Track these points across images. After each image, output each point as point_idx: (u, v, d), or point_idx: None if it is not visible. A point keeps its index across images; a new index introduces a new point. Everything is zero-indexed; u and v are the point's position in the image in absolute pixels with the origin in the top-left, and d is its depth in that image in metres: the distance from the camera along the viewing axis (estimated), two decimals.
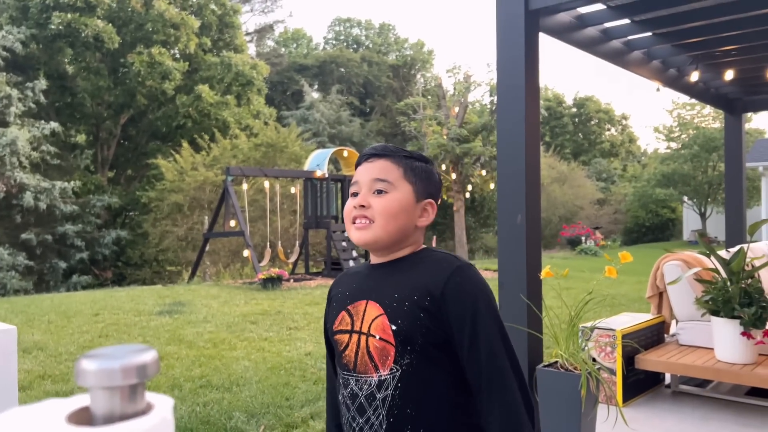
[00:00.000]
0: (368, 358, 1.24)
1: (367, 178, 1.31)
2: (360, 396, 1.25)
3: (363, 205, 1.29)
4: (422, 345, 1.21)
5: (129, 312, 8.12)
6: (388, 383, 1.22)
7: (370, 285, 1.32)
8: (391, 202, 1.28)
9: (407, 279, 1.27)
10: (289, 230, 17.48)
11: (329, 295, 1.45)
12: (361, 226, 1.29)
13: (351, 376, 1.27)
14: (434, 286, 1.23)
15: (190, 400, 4.23)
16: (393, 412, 1.21)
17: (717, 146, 24.22)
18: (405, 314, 1.22)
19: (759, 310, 3.52)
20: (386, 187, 1.29)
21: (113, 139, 25.76)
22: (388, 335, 1.22)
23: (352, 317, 1.29)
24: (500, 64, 3.41)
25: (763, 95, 6.71)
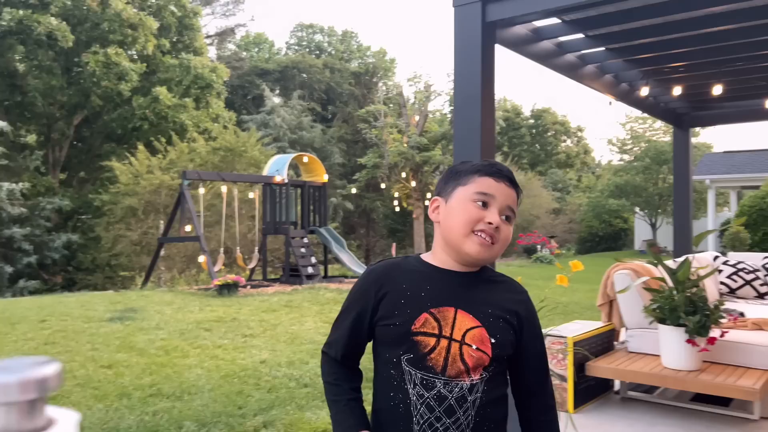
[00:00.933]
0: (461, 364, 1.31)
1: (504, 201, 1.37)
2: (449, 398, 1.31)
3: (498, 227, 1.35)
4: (503, 357, 1.37)
5: (78, 318, 7.88)
6: (478, 387, 1.33)
7: (453, 292, 1.37)
8: (510, 233, 1.39)
9: (494, 296, 1.40)
10: (248, 236, 17.26)
11: (375, 285, 1.40)
12: (486, 243, 1.34)
13: (438, 378, 1.31)
14: (518, 308, 1.40)
15: (139, 410, 4.12)
16: (480, 413, 1.33)
17: (667, 159, 25.02)
18: (501, 330, 1.36)
19: (703, 318, 3.64)
20: (512, 217, 1.40)
21: (66, 140, 25.01)
22: (487, 347, 1.33)
23: (439, 322, 1.33)
24: (457, 75, 3.45)
25: (709, 111, 6.97)
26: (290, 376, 5.01)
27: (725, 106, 6.81)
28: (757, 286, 5.97)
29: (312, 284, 12.86)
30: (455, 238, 1.37)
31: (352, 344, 1.44)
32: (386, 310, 1.37)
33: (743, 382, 3.53)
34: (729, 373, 3.73)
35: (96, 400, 4.37)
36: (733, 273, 6.05)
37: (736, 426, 3.76)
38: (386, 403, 1.36)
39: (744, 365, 3.90)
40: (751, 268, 6.07)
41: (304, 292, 11.19)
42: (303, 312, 8.71)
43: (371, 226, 32.61)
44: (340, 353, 1.45)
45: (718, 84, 5.40)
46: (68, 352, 5.94)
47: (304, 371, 5.14)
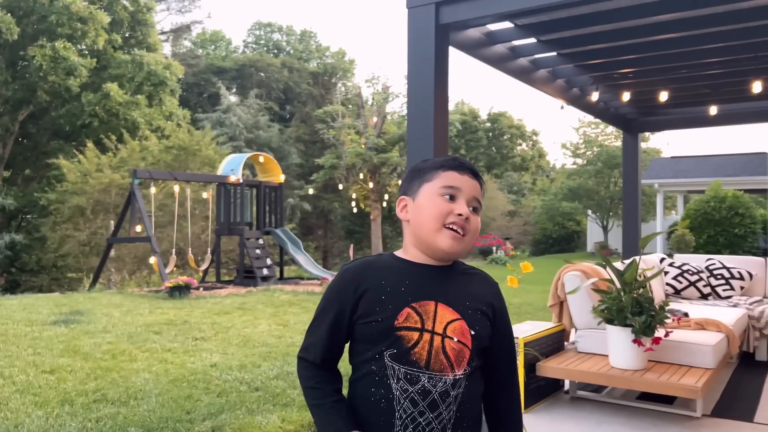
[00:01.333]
0: (444, 358, 1.33)
1: (470, 192, 1.41)
2: (433, 392, 1.32)
3: (468, 218, 1.38)
4: (483, 348, 1.40)
5: (20, 322, 7.56)
6: (461, 382, 1.34)
7: (432, 286, 1.39)
8: (478, 224, 1.42)
9: (471, 289, 1.43)
10: (201, 237, 16.94)
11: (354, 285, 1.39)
12: (457, 236, 1.37)
13: (422, 373, 1.32)
14: (493, 301, 1.44)
15: (82, 416, 3.97)
16: (461, 408, 1.35)
17: (618, 163, 25.71)
18: (480, 322, 1.39)
19: (648, 318, 3.72)
20: (478, 208, 1.43)
21: (10, 136, 24.05)
22: (467, 339, 1.36)
23: (421, 316, 1.34)
24: (411, 76, 3.45)
25: (656, 117, 7.18)
26: (241, 379, 4.92)
27: (672, 112, 7.03)
28: (701, 287, 6.17)
29: (267, 286, 12.70)
30: (427, 234, 1.38)
31: (331, 346, 1.42)
32: (366, 308, 1.36)
33: (686, 381, 3.63)
34: (673, 372, 3.83)
35: (36, 406, 4.19)
36: (679, 274, 6.24)
37: (679, 423, 3.86)
38: (366, 399, 1.35)
39: (687, 364, 4.01)
40: (695, 269, 6.27)
41: (258, 294, 11.03)
42: (257, 314, 8.58)
43: (329, 227, 32.47)
44: (319, 357, 1.43)
45: (664, 90, 5.56)
46: (7, 357, 5.69)
47: (255, 375, 5.05)
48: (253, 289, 12.09)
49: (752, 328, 5.40)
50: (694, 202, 14.52)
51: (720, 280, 6.22)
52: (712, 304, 5.82)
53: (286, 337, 6.84)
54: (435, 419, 1.32)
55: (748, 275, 6.21)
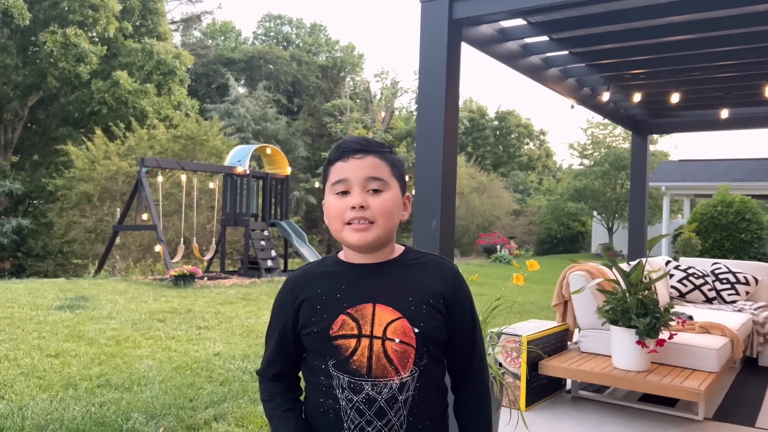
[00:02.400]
0: (387, 362, 1.25)
1: (360, 176, 1.28)
2: (379, 400, 1.25)
3: (363, 206, 1.27)
4: (435, 345, 1.29)
5: (25, 306, 7.62)
6: (409, 385, 1.26)
7: (369, 287, 1.30)
8: (387, 201, 1.29)
9: (415, 281, 1.31)
10: (206, 227, 16.98)
11: (291, 296, 1.35)
12: (362, 227, 1.27)
13: (365, 381, 1.25)
14: (445, 290, 1.31)
15: (86, 400, 4.00)
16: (413, 411, 1.27)
17: (626, 165, 25.62)
18: (425, 317, 1.28)
19: (653, 320, 3.72)
20: (381, 185, 1.29)
21: (19, 121, 24.14)
22: (410, 338, 1.26)
23: (358, 321, 1.27)
24: (422, 71, 3.44)
25: (666, 119, 7.15)
26: (244, 369, 4.94)
27: (682, 115, 7.00)
28: (706, 290, 6.16)
29: (271, 278, 12.73)
30: (337, 235, 1.33)
31: (283, 361, 1.39)
32: (305, 319, 1.32)
33: (689, 384, 3.63)
34: (676, 375, 3.83)
35: (40, 389, 4.23)
36: (684, 278, 6.22)
37: (680, 426, 3.86)
38: (316, 410, 1.32)
39: (690, 367, 4.01)
40: (700, 273, 6.26)
41: (262, 286, 11.07)
42: (260, 305, 8.61)
43: None
44: (272, 372, 1.41)
45: (675, 92, 5.53)
46: (13, 339, 5.74)
47: (258, 365, 5.07)
48: (257, 280, 12.12)
49: (756, 333, 5.39)
50: (701, 206, 14.46)
51: (725, 284, 6.20)
52: (717, 308, 5.81)
53: None
54: (384, 427, 1.25)
55: (754, 280, 6.19)
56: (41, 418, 3.63)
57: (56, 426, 3.48)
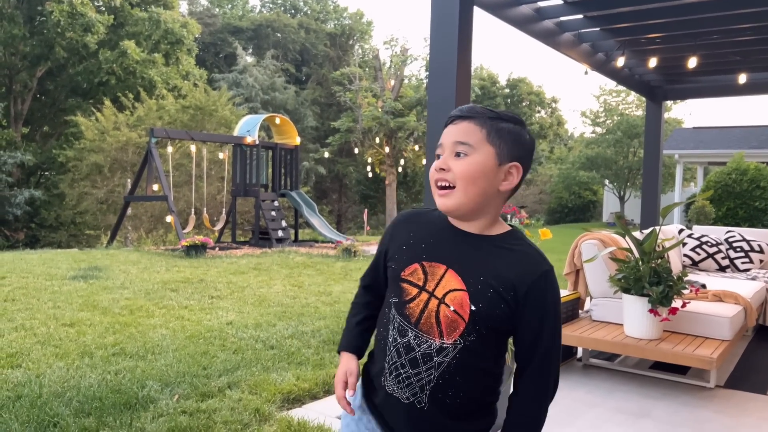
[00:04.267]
0: (435, 322, 1.31)
1: (450, 140, 1.33)
2: (417, 351, 1.33)
3: (443, 168, 1.32)
4: (489, 328, 1.31)
5: (40, 276, 7.71)
6: (448, 351, 1.31)
7: (452, 251, 1.35)
8: (470, 165, 1.30)
9: (494, 265, 1.32)
10: (217, 197, 17.03)
11: (393, 230, 1.48)
12: (444, 193, 1.33)
13: (411, 329, 1.34)
14: (520, 284, 1.30)
15: (101, 368, 4.06)
16: (444, 377, 1.32)
17: (638, 133, 25.31)
18: (487, 300, 1.29)
19: (666, 288, 3.69)
20: (466, 150, 1.31)
21: (28, 92, 24.14)
22: (465, 312, 1.30)
23: (427, 275, 1.34)
24: (434, 38, 3.37)
25: (682, 84, 7.01)
26: (256, 337, 4.98)
27: (699, 80, 6.86)
28: (719, 259, 6.11)
29: (282, 248, 12.79)
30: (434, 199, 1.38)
31: (374, 276, 1.54)
32: (392, 253, 1.43)
33: (701, 352, 3.62)
34: (688, 343, 3.82)
35: (57, 358, 4.29)
36: (697, 246, 6.17)
37: (692, 394, 3.87)
38: (377, 335, 1.45)
39: (703, 335, 3.99)
40: (714, 241, 6.20)
41: (273, 256, 11.12)
42: (272, 275, 8.66)
43: (343, 191, 32.48)
44: (364, 283, 1.59)
45: (693, 57, 5.41)
46: (29, 309, 5.81)
47: (270, 333, 5.12)
48: (268, 251, 12.19)
49: None
50: (714, 174, 14.28)
51: (739, 252, 6.15)
52: (730, 276, 5.77)
53: (301, 298, 6.91)
54: (414, 376, 1.33)
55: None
56: (58, 385, 3.69)
57: (73, 393, 3.54)
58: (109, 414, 3.25)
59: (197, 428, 3.10)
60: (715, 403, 3.71)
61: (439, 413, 1.34)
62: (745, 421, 3.44)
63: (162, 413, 3.29)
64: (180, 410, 3.34)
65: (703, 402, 3.73)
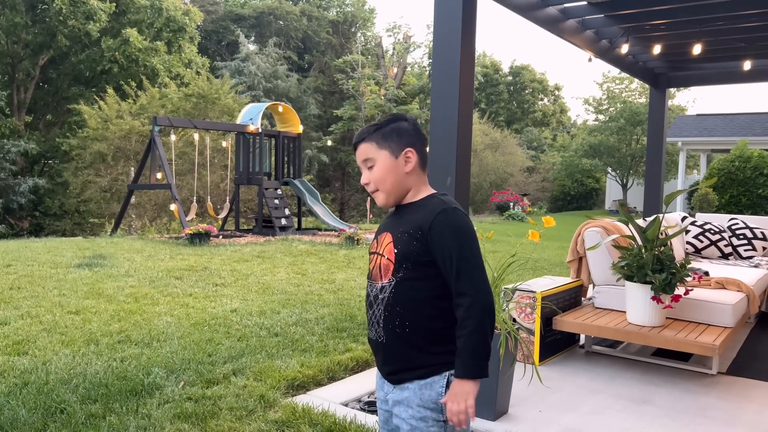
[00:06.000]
0: (378, 271, 1.77)
1: (360, 161, 1.81)
2: (370, 295, 1.79)
3: (365, 182, 1.81)
4: (411, 263, 1.70)
5: (45, 264, 7.75)
6: (386, 288, 1.74)
7: (392, 221, 1.82)
8: (377, 171, 1.78)
9: (410, 219, 1.75)
10: (220, 185, 17.04)
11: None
12: (375, 195, 1.81)
13: (369, 282, 1.82)
14: (424, 223, 1.70)
15: (107, 355, 4.09)
16: (387, 309, 1.73)
17: (641, 120, 25.21)
18: (403, 242, 1.72)
19: (669, 276, 3.70)
20: (371, 162, 1.78)
21: (31, 81, 24.11)
22: (392, 256, 1.73)
23: (378, 243, 1.81)
24: (437, 24, 3.36)
25: (686, 71, 6.97)
26: (261, 325, 5.01)
27: (704, 67, 6.82)
28: (722, 246, 6.11)
29: (285, 236, 12.82)
30: None
31: None
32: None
33: (704, 339, 3.64)
34: (690, 330, 3.83)
35: (63, 345, 4.33)
36: (700, 233, 6.17)
37: (694, 380, 3.89)
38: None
39: (705, 322, 4.01)
40: (717, 229, 6.20)
41: (277, 244, 11.15)
42: (275, 263, 8.69)
43: (346, 179, 32.46)
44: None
45: (697, 43, 5.37)
46: (34, 297, 5.85)
47: (275, 320, 5.15)
48: (272, 239, 12.21)
49: None
50: (717, 161, 14.23)
51: (742, 240, 6.15)
52: (733, 263, 5.77)
53: (305, 285, 6.94)
54: (372, 316, 1.78)
55: None
56: (65, 372, 3.73)
57: (79, 380, 3.57)
58: (115, 400, 3.29)
59: (203, 414, 3.13)
60: (717, 390, 3.73)
61: (394, 342, 1.73)
62: (747, 408, 3.46)
63: (168, 400, 3.33)
64: (185, 397, 3.37)
65: (706, 389, 3.75)
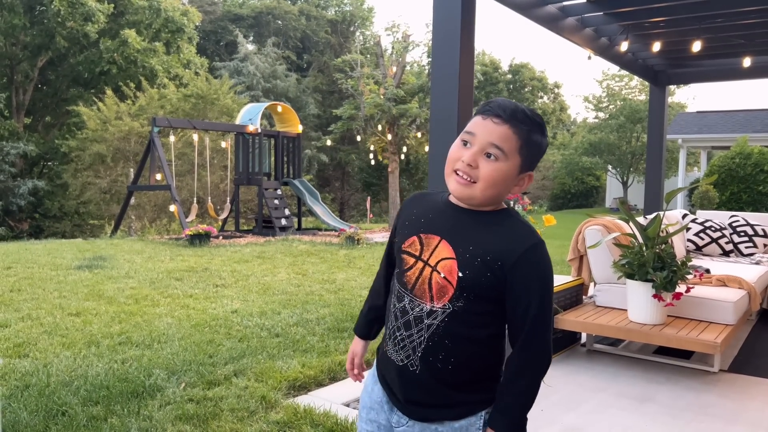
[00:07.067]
0: (427, 288, 1.42)
1: (485, 138, 1.37)
2: (410, 314, 1.44)
3: (471, 164, 1.38)
4: (477, 295, 1.38)
5: (45, 266, 7.74)
6: (437, 314, 1.40)
7: (447, 224, 1.44)
8: (497, 171, 1.37)
9: (484, 238, 1.40)
10: (220, 186, 17.04)
11: (403, 210, 1.58)
12: (463, 182, 1.39)
13: (407, 294, 1.45)
14: (508, 256, 1.37)
15: (108, 357, 4.09)
16: (433, 338, 1.41)
17: (641, 118, 25.19)
18: (474, 268, 1.37)
19: (670, 273, 3.70)
20: (498, 155, 1.37)
21: (30, 82, 24.09)
22: (453, 278, 1.38)
23: (422, 246, 1.45)
24: (436, 23, 3.35)
25: (686, 69, 6.96)
26: (262, 325, 5.01)
27: (703, 64, 6.81)
28: (723, 243, 6.10)
29: (285, 236, 12.81)
30: (445, 177, 1.46)
31: (388, 258, 1.68)
32: (398, 230, 1.55)
33: (706, 336, 3.63)
34: (692, 327, 3.82)
35: (64, 347, 4.32)
36: (701, 231, 6.16)
37: (696, 378, 3.88)
38: (387, 306, 1.57)
39: (707, 320, 4.00)
40: (717, 226, 6.19)
41: (277, 244, 11.15)
42: (276, 263, 8.68)
43: (346, 179, 32.45)
44: (382, 268, 1.70)
45: (697, 40, 5.36)
46: (35, 299, 5.85)
47: (275, 321, 5.14)
48: (272, 239, 12.21)
49: None
50: (718, 158, 14.22)
51: (743, 237, 6.14)
52: (734, 261, 5.77)
53: (305, 285, 6.93)
54: (407, 338, 1.44)
55: None
56: (66, 374, 3.72)
57: (81, 382, 3.56)
58: (116, 402, 3.28)
59: (204, 416, 3.12)
60: (719, 388, 3.72)
61: (431, 377, 1.42)
62: (749, 405, 3.45)
63: (169, 401, 3.32)
64: (187, 398, 3.36)
65: (707, 386, 3.74)
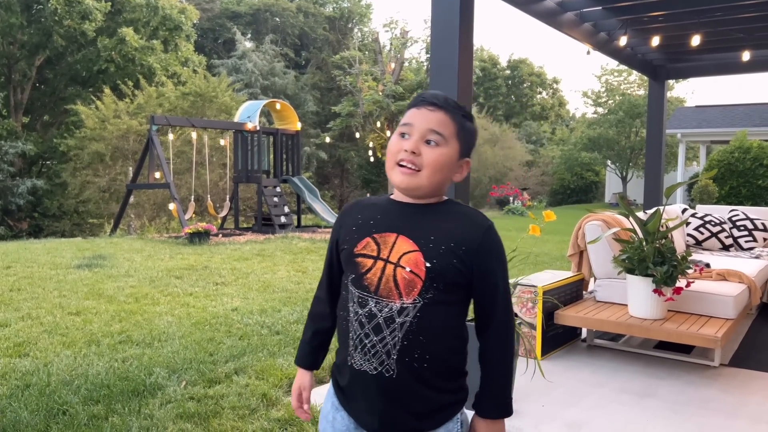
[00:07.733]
0: (393, 285, 1.36)
1: (423, 126, 1.40)
2: (379, 317, 1.37)
3: (414, 152, 1.38)
4: (446, 284, 1.36)
5: (45, 265, 7.73)
6: (408, 311, 1.35)
7: (399, 221, 1.42)
8: (440, 156, 1.39)
9: (443, 226, 1.40)
10: (219, 184, 17.02)
11: (341, 220, 1.53)
12: (408, 171, 1.39)
13: (371, 297, 1.38)
14: (471, 241, 1.38)
15: (108, 356, 4.08)
16: (408, 337, 1.35)
17: (640, 113, 25.17)
18: (440, 256, 1.36)
19: (670, 268, 3.69)
20: (439, 140, 1.40)
21: (27, 81, 24.05)
22: (421, 270, 1.35)
23: (379, 245, 1.40)
24: (434, 19, 3.34)
25: (685, 63, 6.95)
26: (262, 323, 5.01)
27: (702, 59, 6.80)
28: (723, 238, 6.10)
29: (285, 234, 12.80)
30: (387, 173, 1.46)
31: (331, 276, 1.57)
32: (343, 238, 1.48)
33: (706, 331, 3.63)
34: (692, 322, 3.82)
35: (64, 346, 4.32)
36: (700, 225, 6.16)
37: (696, 372, 3.88)
38: (339, 320, 1.48)
39: (707, 314, 4.00)
40: (717, 220, 6.19)
41: (276, 242, 11.14)
42: (276, 261, 8.68)
43: (345, 176, 32.43)
44: (323, 289, 1.60)
45: (696, 34, 5.35)
46: (35, 298, 5.84)
47: (276, 319, 5.14)
48: (272, 237, 12.20)
49: None
50: (717, 153, 14.21)
51: (743, 231, 6.14)
52: (734, 255, 5.77)
53: (305, 283, 6.93)
54: (379, 342, 1.36)
55: None
56: (66, 373, 3.72)
57: (81, 381, 3.56)
58: (117, 401, 3.28)
59: (205, 414, 3.12)
60: (719, 382, 3.72)
61: (409, 378, 1.36)
62: (750, 399, 3.45)
63: (170, 400, 3.32)
64: (188, 396, 3.36)
65: (708, 381, 3.74)
